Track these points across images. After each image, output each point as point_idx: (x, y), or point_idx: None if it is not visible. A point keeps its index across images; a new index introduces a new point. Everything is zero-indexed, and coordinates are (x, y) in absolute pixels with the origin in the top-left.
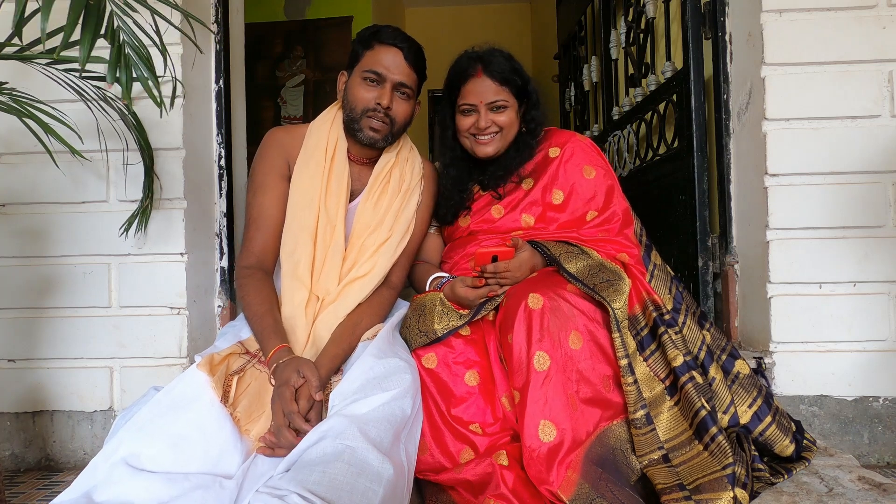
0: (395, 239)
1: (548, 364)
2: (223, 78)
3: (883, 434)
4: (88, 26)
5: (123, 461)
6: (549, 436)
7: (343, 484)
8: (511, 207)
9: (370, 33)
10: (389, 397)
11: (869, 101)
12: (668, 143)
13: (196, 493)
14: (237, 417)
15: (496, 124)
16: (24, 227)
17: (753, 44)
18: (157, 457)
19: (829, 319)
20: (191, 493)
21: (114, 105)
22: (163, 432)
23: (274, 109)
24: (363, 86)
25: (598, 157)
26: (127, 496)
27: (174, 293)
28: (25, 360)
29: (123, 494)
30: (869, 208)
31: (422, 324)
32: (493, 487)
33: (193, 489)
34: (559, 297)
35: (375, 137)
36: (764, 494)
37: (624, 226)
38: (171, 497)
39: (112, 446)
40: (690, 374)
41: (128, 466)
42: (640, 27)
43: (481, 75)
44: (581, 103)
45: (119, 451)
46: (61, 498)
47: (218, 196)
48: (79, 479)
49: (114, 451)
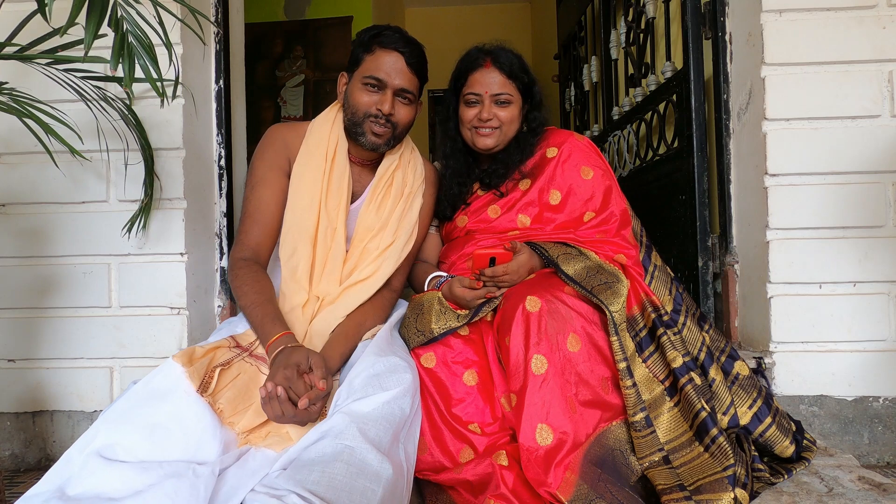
0: (399, 243)
1: (545, 367)
2: (223, 78)
3: (883, 434)
4: (93, 13)
5: (97, 453)
6: (546, 439)
7: (342, 484)
8: (508, 207)
9: (370, 36)
10: (390, 397)
11: (869, 101)
12: (668, 143)
13: (169, 482)
14: (219, 409)
15: (498, 118)
16: (24, 227)
17: (753, 44)
18: (133, 446)
19: (829, 319)
20: (164, 480)
21: (114, 105)
22: (139, 422)
23: (274, 109)
24: (364, 91)
25: (596, 158)
26: (100, 487)
27: (174, 293)
28: (25, 360)
29: (97, 486)
30: (869, 208)
31: (419, 323)
32: (493, 487)
33: (167, 477)
34: (557, 299)
35: (378, 142)
36: (764, 494)
37: (622, 226)
38: (145, 485)
39: (87, 438)
40: (690, 376)
41: (101, 458)
42: (640, 27)
43: (490, 66)
44: (581, 103)
45: (94, 443)
46: (33, 491)
47: (218, 196)
48: (51, 472)
49: (89, 442)
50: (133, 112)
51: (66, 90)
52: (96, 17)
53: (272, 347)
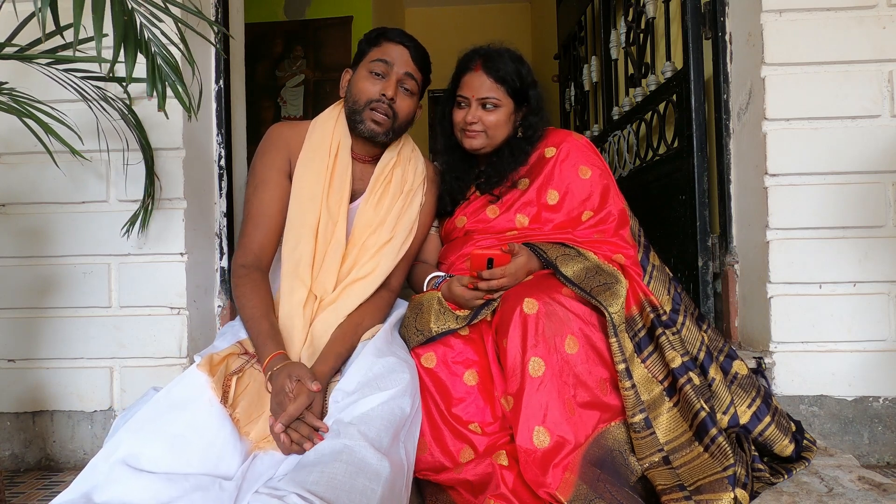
0: (397, 241)
1: (542, 370)
2: (223, 78)
3: (883, 434)
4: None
5: (123, 461)
6: (543, 442)
7: (342, 483)
8: (506, 208)
9: (378, 33)
10: (388, 396)
11: (869, 101)
12: (668, 143)
13: (196, 494)
14: (236, 418)
15: (483, 122)
16: (24, 227)
17: (753, 44)
18: (157, 457)
19: (829, 319)
20: (190, 493)
21: (114, 105)
22: (162, 432)
23: (274, 109)
24: (369, 78)
25: (594, 157)
26: (127, 496)
27: (174, 293)
28: (25, 360)
29: (123, 495)
30: (869, 208)
31: (419, 322)
32: (493, 487)
33: (193, 490)
34: (554, 301)
35: (377, 130)
36: (764, 494)
37: (620, 226)
38: (171, 498)
39: (111, 446)
40: (688, 376)
41: (127, 467)
42: (640, 27)
43: (479, 70)
44: (581, 103)
45: (118, 452)
46: (60, 498)
47: (218, 196)
48: (78, 480)
49: (113, 451)
50: (133, 112)
51: (66, 90)
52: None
53: (266, 370)
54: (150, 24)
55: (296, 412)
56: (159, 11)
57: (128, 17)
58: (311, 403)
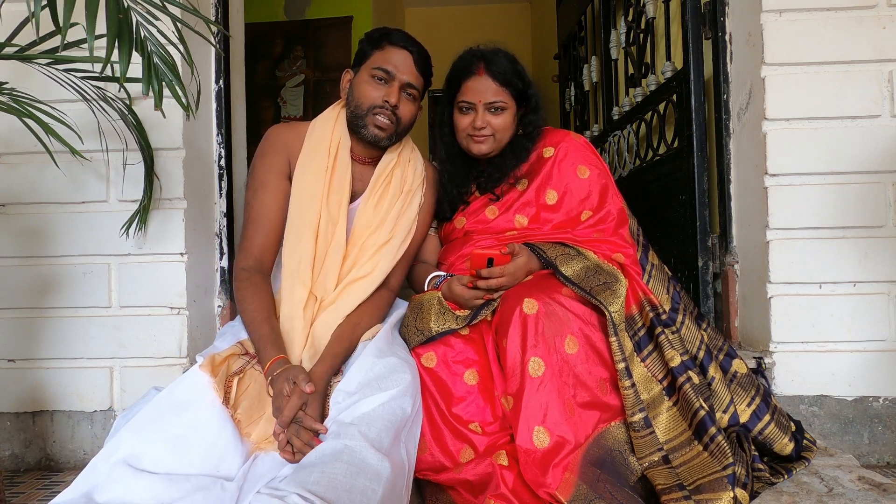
0: (396, 241)
1: (542, 370)
2: (223, 78)
3: (883, 434)
4: (124, 41)
5: (124, 461)
6: (543, 442)
7: (342, 483)
8: (505, 208)
9: (380, 34)
10: (388, 397)
11: (869, 101)
12: (668, 143)
13: (197, 495)
14: (238, 419)
15: (491, 126)
16: (24, 227)
17: (753, 44)
18: (158, 457)
19: (829, 319)
20: (192, 494)
21: (114, 105)
22: (164, 433)
23: (274, 109)
24: (371, 83)
25: (592, 157)
26: (127, 496)
27: (174, 293)
28: (25, 360)
29: (124, 495)
30: (869, 208)
31: (419, 322)
32: (493, 487)
33: (194, 490)
34: (554, 301)
35: (380, 135)
36: (764, 494)
37: (619, 225)
38: (172, 498)
39: (112, 446)
40: (688, 375)
41: (128, 467)
42: (640, 27)
43: (483, 74)
44: (581, 103)
45: (119, 452)
46: (61, 498)
47: (218, 196)
48: (79, 479)
49: (114, 451)
50: (133, 112)
51: (66, 90)
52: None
53: (267, 374)
54: (146, 23)
55: (290, 414)
56: (157, 10)
57: (123, 16)
58: (305, 405)
